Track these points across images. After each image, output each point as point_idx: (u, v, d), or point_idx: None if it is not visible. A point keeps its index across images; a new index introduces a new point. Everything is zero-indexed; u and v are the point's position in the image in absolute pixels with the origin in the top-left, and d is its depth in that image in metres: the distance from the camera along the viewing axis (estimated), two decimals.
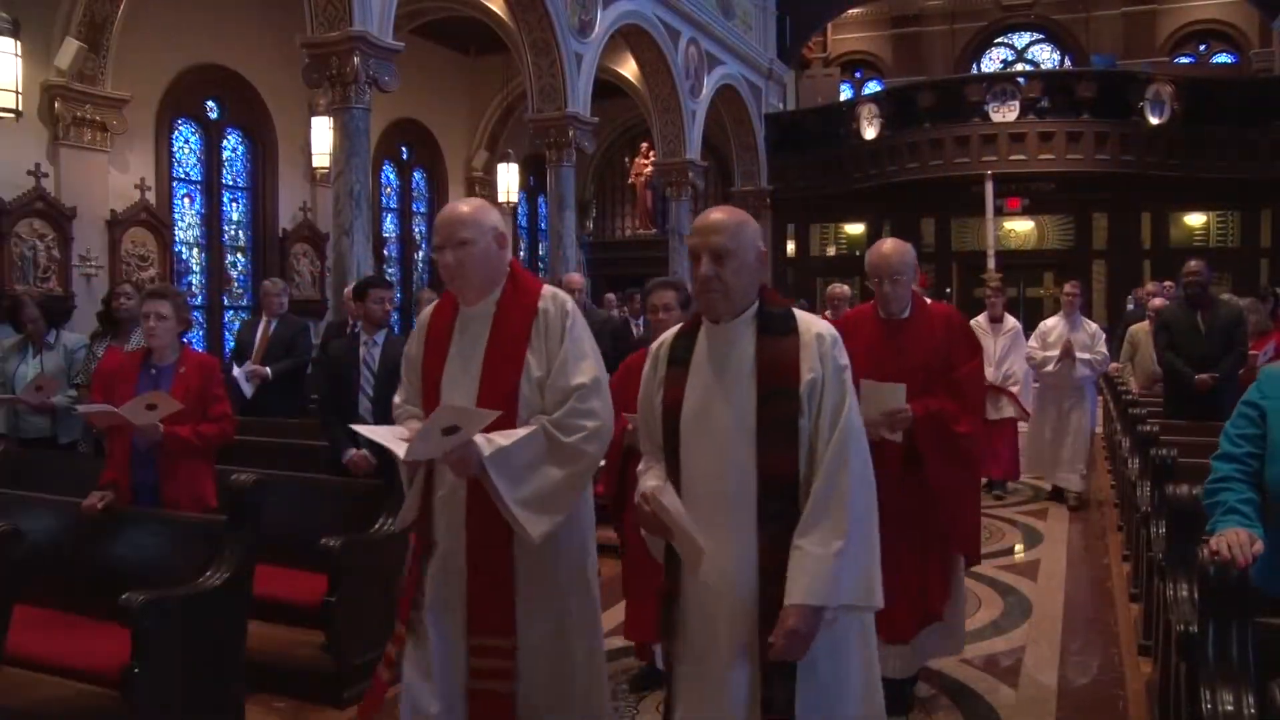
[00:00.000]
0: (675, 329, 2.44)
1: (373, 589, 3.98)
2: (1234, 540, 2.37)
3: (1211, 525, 2.55)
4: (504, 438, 2.58)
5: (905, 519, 3.37)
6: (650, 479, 2.33)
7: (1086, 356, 7.43)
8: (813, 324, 2.29)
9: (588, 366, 2.68)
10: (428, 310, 2.91)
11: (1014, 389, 7.62)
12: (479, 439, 2.55)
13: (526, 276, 2.85)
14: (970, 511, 3.70)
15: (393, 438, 2.64)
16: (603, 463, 3.04)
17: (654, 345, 2.46)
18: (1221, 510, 2.51)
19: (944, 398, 3.49)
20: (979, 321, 7.89)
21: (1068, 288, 7.88)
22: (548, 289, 2.82)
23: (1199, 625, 2.56)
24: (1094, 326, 7.72)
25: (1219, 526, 2.48)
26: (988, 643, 4.58)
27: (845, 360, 2.26)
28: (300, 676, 3.99)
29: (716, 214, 2.30)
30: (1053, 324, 7.73)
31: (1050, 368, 7.46)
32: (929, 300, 3.83)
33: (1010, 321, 7.84)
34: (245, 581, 3.58)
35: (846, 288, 8.39)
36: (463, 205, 2.77)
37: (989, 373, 7.44)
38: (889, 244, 3.60)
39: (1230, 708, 2.32)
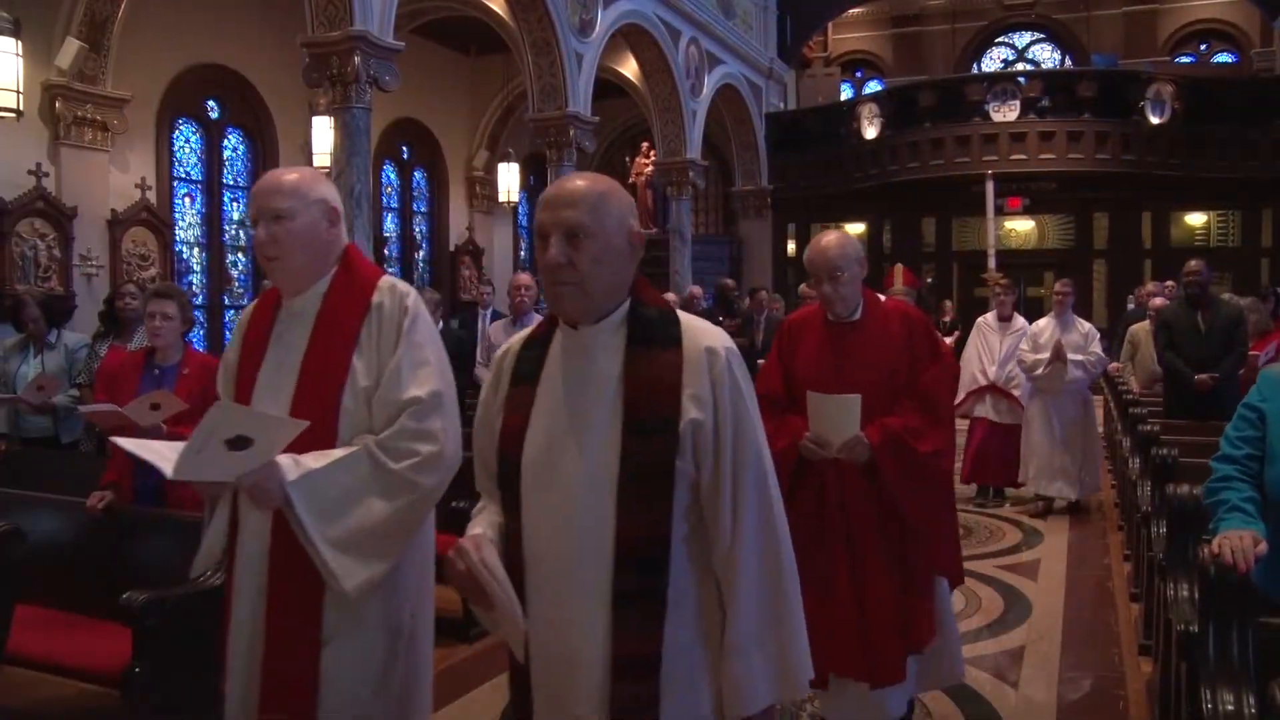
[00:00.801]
0: (525, 332, 1.89)
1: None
2: (1235, 544, 2.37)
3: (1214, 524, 2.55)
4: (316, 460, 2.10)
5: (876, 545, 3.09)
6: (476, 525, 1.82)
7: (1079, 358, 7.02)
8: (703, 333, 1.75)
9: (427, 377, 2.21)
10: (250, 306, 2.45)
11: (1016, 391, 7.36)
12: (283, 460, 2.06)
13: (363, 264, 2.37)
14: (947, 531, 3.34)
15: (168, 452, 2.10)
16: None
17: (498, 353, 1.90)
18: (1225, 509, 2.52)
19: (906, 411, 3.11)
20: (987, 320, 7.78)
21: (1058, 286, 7.51)
22: (387, 280, 2.33)
23: (1199, 625, 2.56)
24: (1087, 326, 7.33)
25: (1222, 525, 2.48)
26: (988, 642, 4.58)
27: (743, 379, 1.74)
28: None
29: (574, 181, 1.75)
30: (1044, 325, 7.32)
31: (1040, 371, 7.04)
32: (884, 297, 3.45)
33: (1019, 321, 7.61)
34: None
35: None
36: (287, 171, 2.32)
37: (991, 371, 7.46)
38: (828, 237, 3.20)
39: (1230, 708, 2.33)
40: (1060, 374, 6.95)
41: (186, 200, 11.40)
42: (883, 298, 3.37)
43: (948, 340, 8.90)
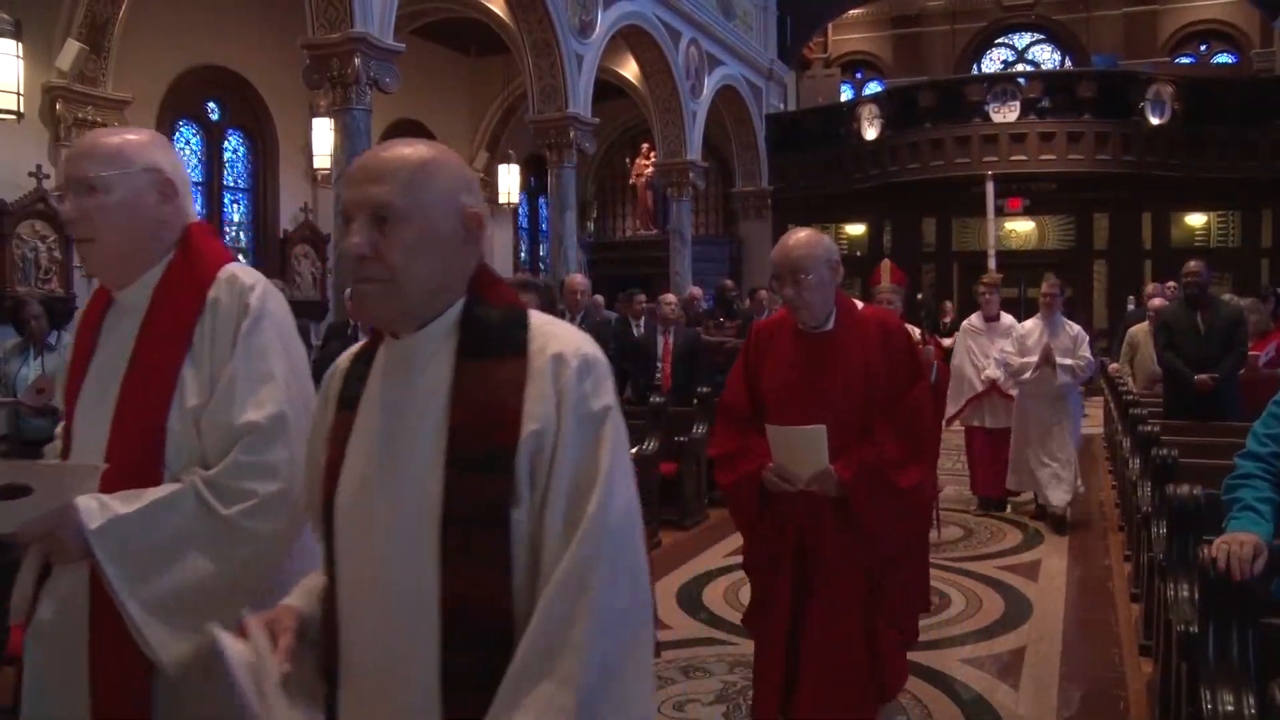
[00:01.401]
0: (355, 347, 1.52)
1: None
2: (1235, 551, 2.36)
3: (1225, 521, 2.54)
4: (127, 502, 1.69)
5: (843, 584, 2.80)
6: (296, 590, 1.50)
7: (1068, 362, 6.62)
8: (555, 338, 1.36)
9: (269, 395, 1.77)
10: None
11: (1013, 392, 6.99)
12: (85, 503, 1.67)
13: (205, 249, 1.91)
14: (922, 565, 3.20)
15: None
16: None
17: (328, 371, 1.53)
18: (1237, 507, 2.51)
19: (884, 437, 2.77)
20: (972, 322, 7.43)
21: (1045, 286, 7.07)
22: (229, 269, 1.88)
23: (1199, 625, 2.57)
24: (1076, 329, 6.92)
25: (1230, 525, 2.48)
26: (988, 643, 4.58)
27: (604, 399, 1.33)
28: None
29: (387, 150, 1.40)
30: (1031, 326, 6.94)
31: (1028, 375, 6.65)
32: (861, 304, 3.12)
33: (1007, 320, 7.28)
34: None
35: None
36: (110, 133, 1.89)
37: (988, 371, 7.11)
38: (796, 235, 2.88)
39: (1231, 708, 2.33)
40: (1048, 378, 6.59)
41: None
42: (860, 305, 3.04)
43: (946, 342, 8.87)
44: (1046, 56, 21.39)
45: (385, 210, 1.33)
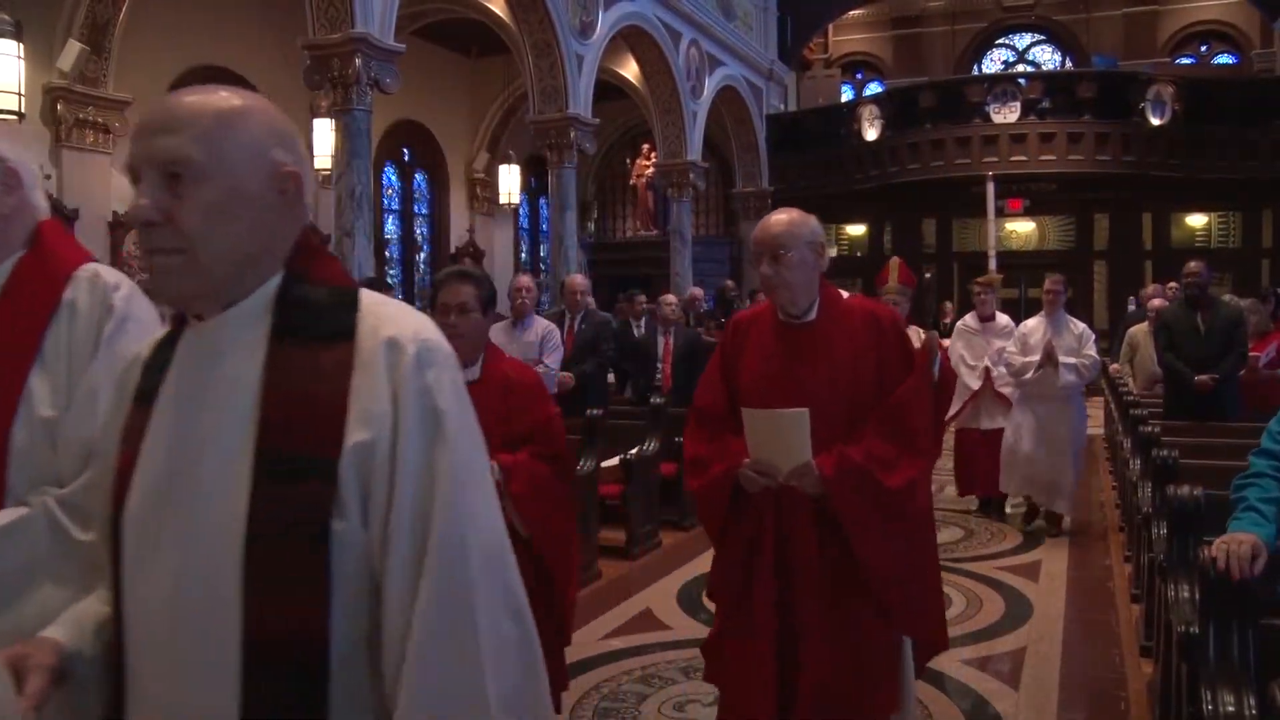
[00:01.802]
0: (159, 332, 1.29)
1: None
2: (1235, 550, 2.37)
3: (1229, 520, 2.54)
4: None
5: (826, 596, 2.52)
6: (61, 620, 1.24)
7: (1072, 361, 6.33)
8: (389, 320, 1.16)
9: None
10: None
11: (1007, 390, 6.76)
12: None
13: (59, 246, 1.77)
14: (923, 587, 2.70)
15: None
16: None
17: (125, 362, 1.33)
18: (1242, 506, 2.50)
19: (872, 434, 2.52)
20: (966, 322, 7.15)
21: (1048, 284, 6.73)
22: (89, 268, 1.74)
23: (1200, 626, 2.56)
24: (1081, 327, 6.62)
25: (1232, 525, 2.48)
26: (988, 643, 4.58)
27: (458, 399, 1.16)
28: None
29: (188, 96, 1.21)
30: (1034, 325, 6.61)
31: (1030, 375, 6.35)
32: (847, 294, 2.87)
33: (1002, 320, 7.01)
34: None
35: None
36: None
37: (980, 369, 6.90)
38: (778, 213, 2.67)
39: (1231, 709, 2.33)
40: (1051, 379, 6.30)
41: None
42: (846, 294, 2.81)
43: (944, 343, 8.83)
44: (1047, 57, 21.39)
45: (178, 165, 1.11)
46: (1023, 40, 21.57)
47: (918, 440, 2.59)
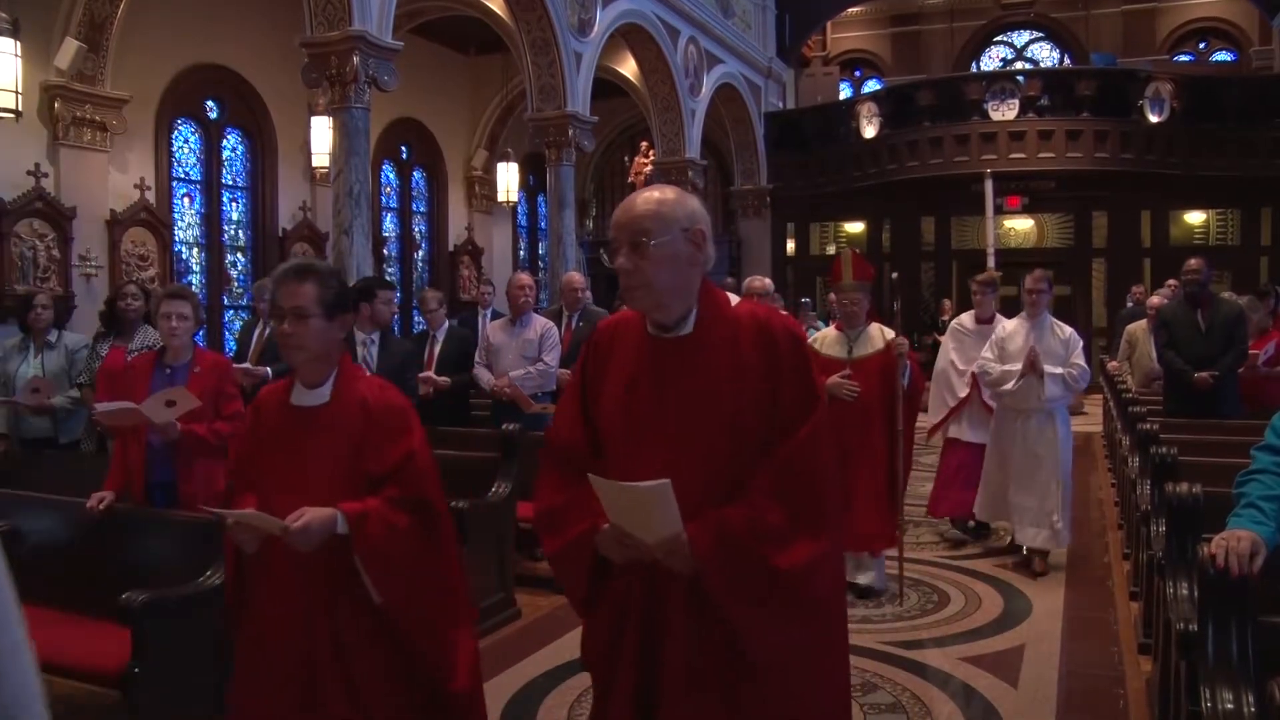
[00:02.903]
0: None
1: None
2: (1234, 548, 2.36)
3: (1229, 517, 2.53)
4: None
5: (698, 692, 1.99)
6: None
7: (1058, 371, 5.48)
8: None
9: None
10: None
11: (994, 404, 5.99)
12: None
13: None
14: (828, 688, 2.09)
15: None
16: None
17: None
18: (1242, 503, 2.50)
19: (761, 496, 1.95)
20: (963, 321, 6.50)
21: (1029, 282, 5.81)
22: None
23: (1198, 623, 2.56)
24: (1068, 331, 5.72)
25: (1231, 522, 2.47)
26: (988, 641, 4.58)
27: None
28: None
29: None
30: (1014, 328, 5.77)
31: (1010, 386, 5.54)
32: (736, 298, 2.23)
33: (1002, 324, 6.17)
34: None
35: (768, 281, 6.28)
36: None
37: (960, 385, 6.23)
38: (648, 190, 2.11)
39: (1230, 706, 2.33)
40: (1035, 390, 5.50)
41: (186, 200, 11.40)
42: (736, 300, 2.20)
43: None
44: (1045, 55, 21.38)
45: None
46: (1021, 38, 21.55)
47: (822, 505, 2.01)
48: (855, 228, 18.16)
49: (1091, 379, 7.15)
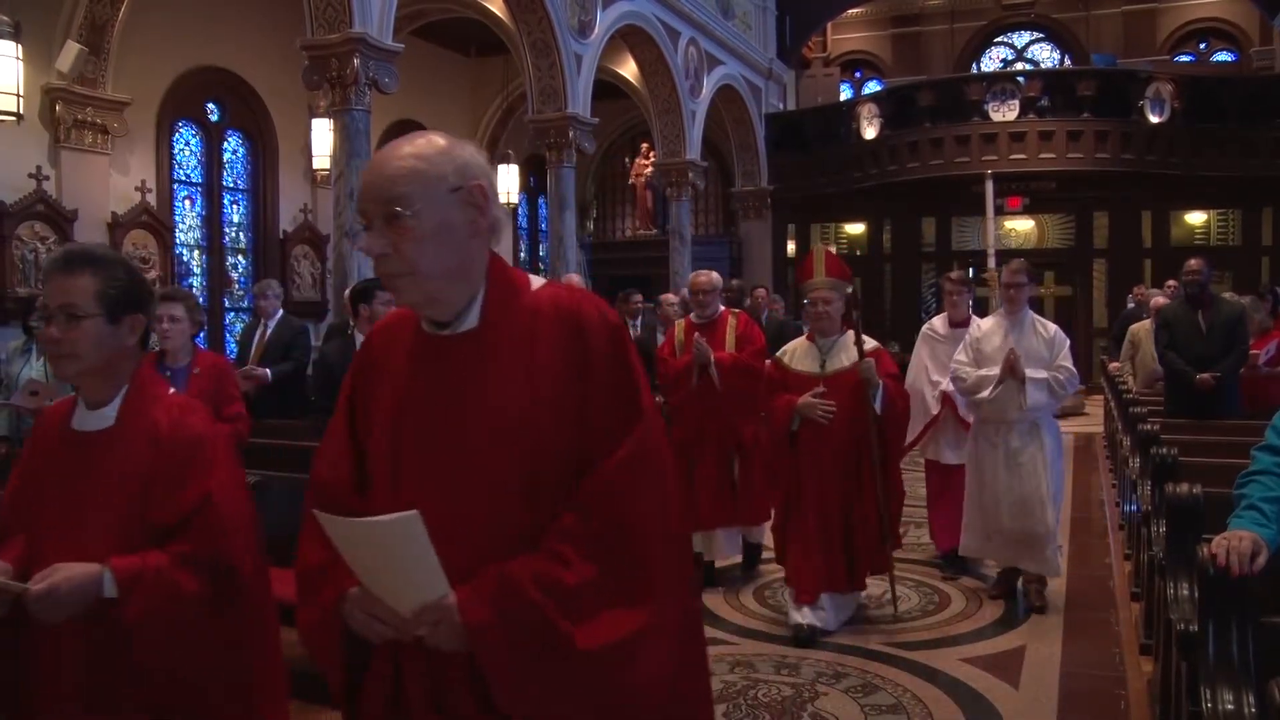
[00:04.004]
0: None
1: None
2: (1235, 546, 2.36)
3: (1229, 518, 2.53)
4: None
5: None
6: None
7: (1041, 375, 4.81)
8: None
9: None
10: None
11: (970, 418, 5.32)
12: None
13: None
14: None
15: None
16: None
17: None
18: (1243, 505, 2.49)
19: (557, 546, 1.48)
20: (934, 325, 5.87)
21: (1006, 275, 5.13)
22: None
23: (1199, 624, 2.56)
24: (1053, 329, 5.04)
25: (1232, 523, 2.47)
26: (988, 642, 4.58)
27: None
28: (298, 677, 3.97)
29: None
30: (990, 327, 5.11)
31: (986, 394, 4.86)
32: (540, 280, 1.71)
33: (976, 322, 5.56)
34: None
35: (714, 274, 5.75)
36: None
37: (932, 398, 5.65)
38: (404, 141, 1.63)
39: (1230, 707, 2.33)
40: (1014, 398, 4.83)
41: (187, 203, 11.41)
42: (539, 283, 1.67)
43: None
44: (1046, 55, 21.38)
45: None
46: (1022, 38, 21.55)
47: (645, 559, 1.50)
48: (856, 228, 18.17)
49: (1092, 380, 7.03)
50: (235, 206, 12.04)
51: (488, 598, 1.44)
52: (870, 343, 4.71)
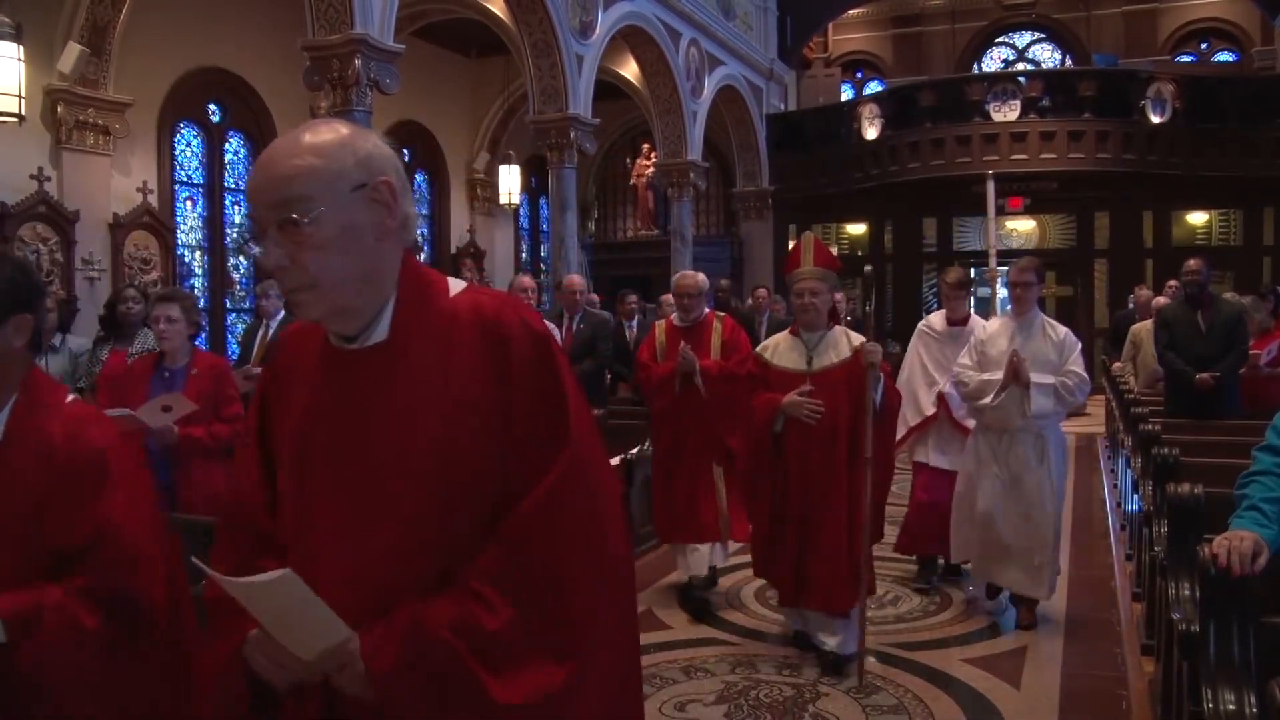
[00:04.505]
0: None
1: None
2: (1236, 546, 2.36)
3: (1231, 518, 2.53)
4: None
5: None
6: None
7: (1049, 380, 4.50)
8: None
9: None
10: None
11: (969, 423, 5.01)
12: None
13: None
14: None
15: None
16: None
17: None
18: (1244, 505, 2.50)
19: (476, 585, 1.33)
20: (931, 323, 5.55)
21: (1014, 272, 4.86)
22: None
23: (1200, 624, 2.57)
24: (1063, 331, 4.71)
25: (1234, 523, 2.47)
26: (990, 642, 4.58)
27: None
28: None
29: None
30: (997, 329, 4.78)
31: (989, 400, 4.55)
32: (464, 281, 1.53)
33: (978, 326, 5.22)
34: None
35: (701, 277, 5.67)
36: None
37: (927, 399, 5.30)
38: (305, 129, 1.48)
39: (1232, 707, 2.33)
40: (1019, 404, 4.51)
41: (188, 204, 11.42)
42: (458, 287, 1.49)
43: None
44: (1047, 55, 21.37)
45: None
46: (1023, 39, 21.54)
47: (571, 604, 1.34)
48: (857, 229, 18.17)
49: (1094, 380, 6.99)
50: (237, 207, 12.04)
51: (397, 640, 1.30)
52: (858, 337, 4.31)
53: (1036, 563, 4.62)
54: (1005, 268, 6.43)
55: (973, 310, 5.61)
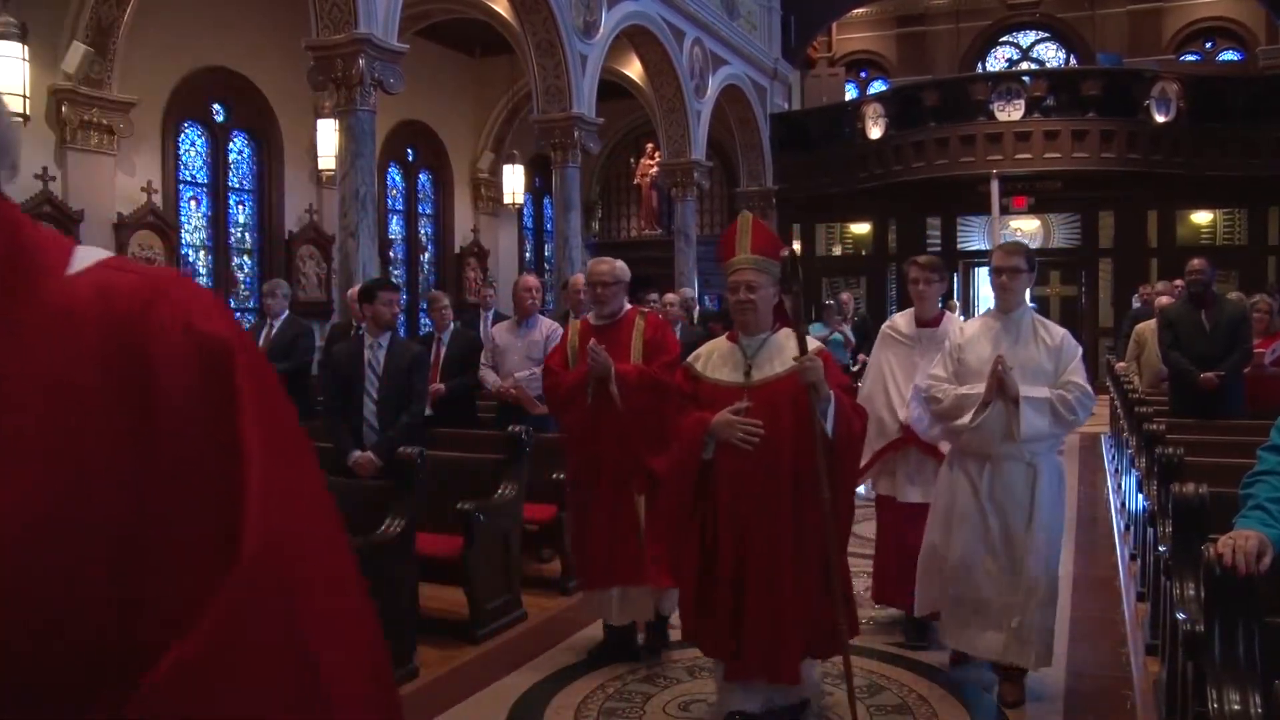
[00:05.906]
0: None
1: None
2: (1241, 546, 2.36)
3: (1235, 518, 2.53)
4: None
5: None
6: None
7: (1042, 394, 3.54)
8: None
9: None
10: None
11: (944, 447, 3.99)
12: None
13: None
14: None
15: None
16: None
17: None
18: (1249, 505, 2.49)
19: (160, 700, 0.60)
20: (895, 323, 4.55)
21: (997, 257, 3.86)
22: None
23: (1205, 624, 2.56)
24: (1059, 334, 3.73)
25: (1239, 523, 2.47)
26: None
27: None
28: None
29: None
30: (976, 331, 3.82)
31: (966, 420, 3.58)
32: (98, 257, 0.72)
33: (951, 325, 4.32)
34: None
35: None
36: None
37: (901, 413, 4.27)
38: None
39: (1237, 707, 2.33)
40: (1004, 425, 3.55)
41: (192, 203, 11.44)
42: (88, 260, 0.72)
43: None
44: (1051, 55, 21.34)
45: None
46: (1027, 38, 21.52)
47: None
48: (861, 228, 18.17)
49: (1098, 380, 6.84)
50: (241, 207, 12.07)
51: None
52: (813, 343, 3.41)
53: (1015, 624, 3.62)
54: None
55: (945, 308, 4.75)
